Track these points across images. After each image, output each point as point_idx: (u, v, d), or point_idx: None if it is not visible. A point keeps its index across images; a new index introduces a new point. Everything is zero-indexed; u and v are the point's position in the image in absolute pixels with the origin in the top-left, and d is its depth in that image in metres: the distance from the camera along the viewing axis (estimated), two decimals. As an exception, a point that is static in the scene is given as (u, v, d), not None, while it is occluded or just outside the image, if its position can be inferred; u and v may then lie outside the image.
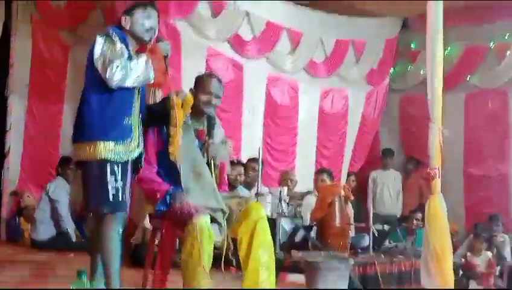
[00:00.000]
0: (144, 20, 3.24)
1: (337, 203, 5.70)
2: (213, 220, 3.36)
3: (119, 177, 3.10)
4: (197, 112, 3.57)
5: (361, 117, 9.77)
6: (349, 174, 9.32)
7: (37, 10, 7.71)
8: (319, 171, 7.16)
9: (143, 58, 3.12)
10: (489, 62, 9.49)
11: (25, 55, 7.69)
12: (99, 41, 3.08)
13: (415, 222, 7.30)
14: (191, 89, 3.66)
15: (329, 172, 6.97)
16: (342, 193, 5.83)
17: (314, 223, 5.87)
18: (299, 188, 7.33)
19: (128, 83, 3.06)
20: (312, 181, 7.16)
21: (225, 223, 3.45)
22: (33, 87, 7.76)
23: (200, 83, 3.64)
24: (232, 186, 6.16)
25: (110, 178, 3.07)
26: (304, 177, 7.70)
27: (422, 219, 6.16)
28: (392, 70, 10.18)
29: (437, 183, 4.66)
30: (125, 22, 3.24)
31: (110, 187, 3.07)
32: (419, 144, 7.89)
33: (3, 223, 7.37)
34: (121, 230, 3.15)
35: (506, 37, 9.26)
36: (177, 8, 7.05)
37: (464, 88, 9.60)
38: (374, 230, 5.99)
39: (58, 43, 7.92)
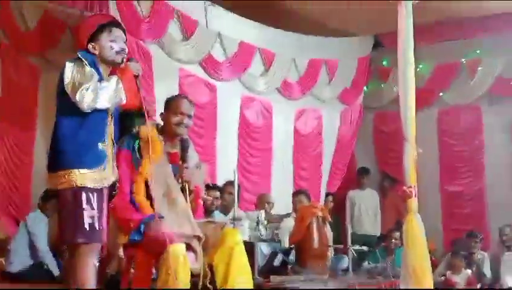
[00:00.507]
0: (112, 44, 3.18)
1: (315, 225, 5.65)
2: (188, 247, 3.27)
3: (95, 205, 3.01)
4: (169, 134, 3.51)
5: (337, 136, 9.77)
6: (327, 195, 9.28)
7: (5, 34, 7.55)
8: (296, 193, 7.13)
9: (113, 79, 3.07)
10: (462, 78, 9.60)
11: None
12: (69, 66, 3.05)
13: (393, 241, 7.28)
14: (161, 114, 3.60)
15: (307, 193, 6.93)
16: (320, 213, 5.78)
17: (293, 246, 5.79)
18: (276, 211, 7.26)
19: (99, 105, 3.00)
20: (290, 203, 7.10)
21: (201, 250, 3.37)
22: (3, 114, 7.55)
23: (171, 105, 3.62)
24: (208, 211, 6.07)
25: (85, 206, 2.99)
26: (281, 200, 7.63)
27: (401, 238, 6.13)
28: (365, 88, 10.22)
29: (413, 202, 4.63)
30: (94, 49, 3.17)
31: (85, 216, 2.98)
32: (395, 162, 7.94)
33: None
34: (96, 262, 3.05)
35: (478, 52, 9.37)
36: (148, 31, 7.00)
37: (436, 105, 9.68)
38: (353, 251, 5.94)
39: (28, 69, 7.76)
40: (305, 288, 3.72)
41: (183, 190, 3.50)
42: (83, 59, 3.08)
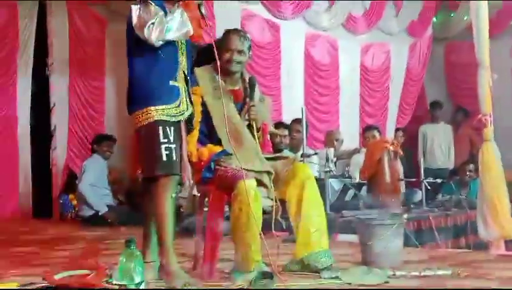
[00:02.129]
0: None
1: (386, 159, 5.58)
2: (259, 183, 3.29)
3: (171, 139, 3.07)
4: (224, 72, 3.46)
5: (406, 70, 9.54)
6: (396, 130, 9.13)
7: (69, -14, 7.66)
8: (368, 128, 6.99)
9: (178, 11, 3.11)
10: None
11: (62, 34, 7.70)
12: (135, 8, 3.10)
13: (467, 173, 7.11)
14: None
15: (379, 128, 6.81)
16: (391, 148, 5.70)
17: (364, 181, 5.75)
18: (344, 147, 7.21)
19: (169, 36, 3.06)
20: (358, 139, 7.03)
21: (272, 185, 3.37)
22: (73, 64, 7.79)
23: (221, 42, 3.53)
24: (277, 149, 6.09)
25: (162, 140, 3.06)
26: (348, 136, 7.56)
27: (475, 170, 5.99)
28: (434, 19, 9.86)
29: (489, 130, 4.49)
30: None
31: (163, 148, 3.05)
32: (468, 93, 7.70)
33: (55, 202, 7.49)
34: (174, 195, 3.11)
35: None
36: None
37: (509, 33, 9.27)
38: (426, 184, 5.85)
39: (95, 19, 7.92)
40: (380, 221, 3.68)
41: (250, 127, 3.48)
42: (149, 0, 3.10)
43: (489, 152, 4.44)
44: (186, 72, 3.25)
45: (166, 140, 3.06)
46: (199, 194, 3.54)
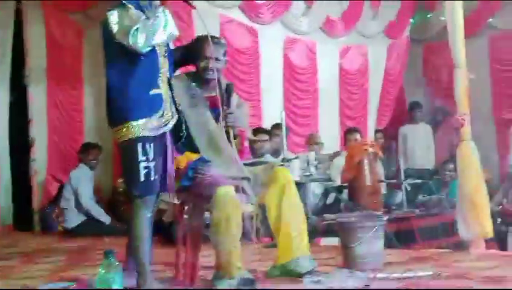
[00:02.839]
0: None
1: (366, 162, 5.60)
2: (239, 189, 3.28)
3: (151, 156, 2.98)
4: (201, 80, 3.45)
5: (384, 72, 9.58)
6: (376, 132, 9.16)
7: (46, -7, 7.57)
8: (350, 131, 6.97)
9: (159, 9, 2.97)
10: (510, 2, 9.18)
11: (39, 42, 7.60)
12: (112, 14, 2.94)
13: (447, 173, 7.14)
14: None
15: (360, 131, 6.82)
16: (371, 150, 5.72)
17: (345, 184, 5.77)
18: (325, 151, 7.23)
19: (156, 40, 2.93)
20: (338, 142, 7.05)
21: (252, 191, 3.36)
22: (51, 73, 7.68)
23: (195, 49, 3.48)
24: (258, 154, 6.08)
25: (141, 158, 2.97)
26: (328, 139, 7.58)
27: (455, 170, 6.03)
28: (411, 20, 9.93)
29: (467, 130, 4.52)
30: None
31: (141, 167, 2.97)
32: (447, 93, 7.74)
33: (37, 214, 7.38)
34: (149, 214, 3.05)
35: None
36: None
37: (486, 31, 9.35)
38: (406, 185, 5.88)
39: (72, 27, 7.84)
40: (360, 223, 3.69)
41: (227, 134, 3.47)
42: (126, 3, 2.99)
43: (467, 151, 4.47)
44: (169, 76, 3.15)
45: (145, 158, 2.97)
46: (179, 202, 3.52)
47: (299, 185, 4.48)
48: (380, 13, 9.30)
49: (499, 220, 6.92)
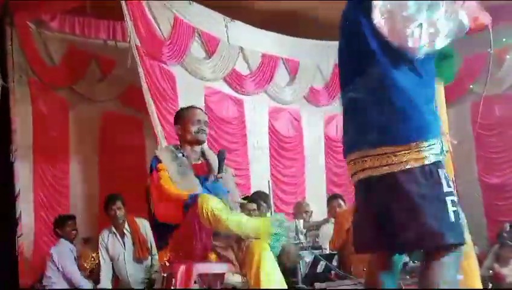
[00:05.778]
0: None
1: (355, 228, 5.57)
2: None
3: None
4: (190, 144, 3.58)
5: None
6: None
7: (33, 71, 7.62)
8: (332, 198, 7.02)
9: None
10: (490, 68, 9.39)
11: (26, 119, 7.60)
12: (379, 5, 2.14)
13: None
14: (177, 128, 3.67)
15: (342, 197, 6.84)
16: (359, 216, 5.70)
17: (335, 251, 5.73)
18: (312, 218, 7.20)
19: (439, 44, 2.17)
20: (325, 209, 7.04)
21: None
22: (37, 149, 7.66)
23: (186, 115, 3.74)
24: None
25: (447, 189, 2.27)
26: (316, 206, 7.57)
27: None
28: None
29: (452, 194, 4.53)
30: None
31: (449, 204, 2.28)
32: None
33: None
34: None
35: (504, 40, 9.19)
36: (170, 53, 7.05)
37: (468, 98, 9.52)
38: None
39: (58, 102, 7.87)
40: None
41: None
42: None
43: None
44: None
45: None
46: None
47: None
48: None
49: (490, 286, 6.88)
